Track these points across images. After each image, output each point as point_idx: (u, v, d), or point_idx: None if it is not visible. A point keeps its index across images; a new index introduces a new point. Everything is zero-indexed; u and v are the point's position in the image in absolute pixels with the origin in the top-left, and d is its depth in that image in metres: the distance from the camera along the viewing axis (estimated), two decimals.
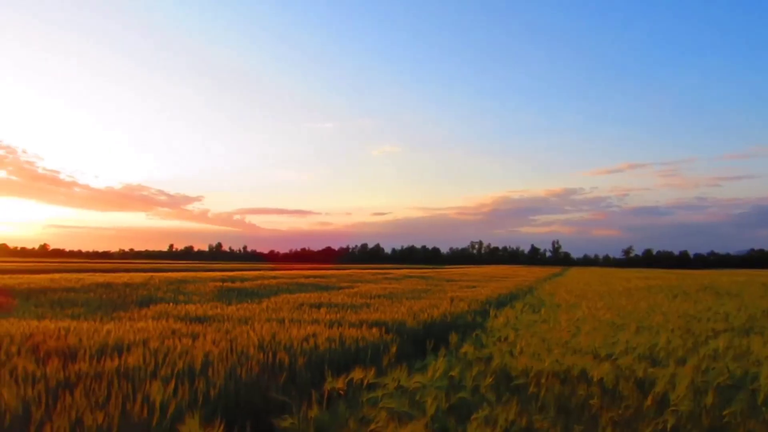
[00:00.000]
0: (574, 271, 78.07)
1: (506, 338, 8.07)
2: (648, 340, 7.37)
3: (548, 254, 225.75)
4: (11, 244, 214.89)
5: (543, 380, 5.32)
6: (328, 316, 10.84)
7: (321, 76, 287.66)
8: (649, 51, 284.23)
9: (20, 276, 25.67)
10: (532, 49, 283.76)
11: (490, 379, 5.17)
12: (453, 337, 7.84)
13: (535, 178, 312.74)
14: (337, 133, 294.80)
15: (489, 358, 6.51)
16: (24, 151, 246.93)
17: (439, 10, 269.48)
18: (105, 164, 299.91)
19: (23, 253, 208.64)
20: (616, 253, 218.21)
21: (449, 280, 33.62)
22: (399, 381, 4.46)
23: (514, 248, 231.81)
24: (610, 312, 11.96)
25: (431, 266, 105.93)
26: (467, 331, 9.71)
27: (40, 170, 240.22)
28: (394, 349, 6.79)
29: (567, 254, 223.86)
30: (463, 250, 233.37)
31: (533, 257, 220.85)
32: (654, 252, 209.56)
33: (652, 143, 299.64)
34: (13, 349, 6.39)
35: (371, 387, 4.57)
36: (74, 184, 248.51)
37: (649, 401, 4.60)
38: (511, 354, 6.63)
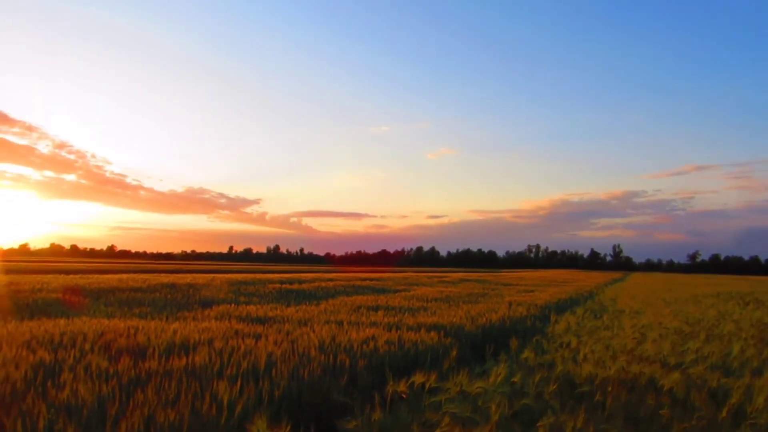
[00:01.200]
0: (636, 277, 75.77)
1: (568, 344, 7.90)
2: (720, 349, 7.08)
3: (609, 259, 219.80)
4: (81, 245, 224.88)
5: (609, 388, 5.18)
6: (386, 319, 10.87)
7: (377, 80, 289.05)
8: (716, 47, 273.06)
9: (90, 276, 26.83)
10: (591, 47, 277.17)
11: (554, 386, 5.08)
12: (513, 343, 7.73)
13: (594, 180, 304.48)
14: (393, 137, 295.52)
15: (551, 365, 6.39)
16: (93, 156, 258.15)
17: (492, 13, 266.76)
18: (169, 168, 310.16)
19: (92, 254, 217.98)
20: (681, 258, 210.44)
21: (506, 284, 33.18)
22: (461, 386, 4.43)
23: (573, 252, 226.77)
24: (677, 319, 11.55)
25: (487, 270, 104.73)
26: (527, 337, 9.56)
27: (108, 174, 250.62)
28: (454, 354, 6.74)
29: (628, 259, 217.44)
30: (520, 253, 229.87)
31: (593, 262, 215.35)
32: (722, 257, 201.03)
33: (719, 144, 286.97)
34: (87, 346, 6.67)
35: (433, 391, 4.55)
36: (140, 187, 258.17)
37: (723, 413, 4.41)
38: (575, 361, 6.49)
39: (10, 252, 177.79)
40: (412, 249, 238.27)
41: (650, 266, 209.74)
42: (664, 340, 7.92)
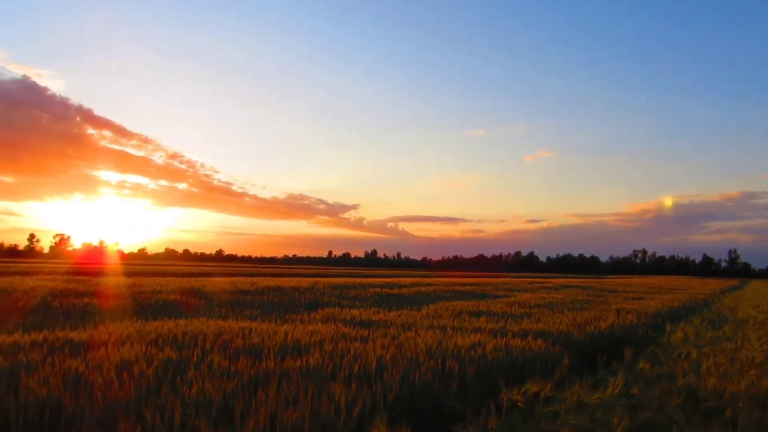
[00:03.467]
0: (756, 284, 70.34)
1: (687, 356, 7.47)
2: None
3: (723, 264, 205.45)
4: (192, 250, 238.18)
5: (740, 404, 4.85)
6: (489, 325, 10.74)
7: (473, 84, 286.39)
8: None
9: (203, 279, 28.35)
10: (700, 38, 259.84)
11: (677, 400, 4.82)
12: (627, 352, 7.41)
13: (707, 181, 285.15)
14: (489, 140, 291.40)
15: (670, 377, 6.07)
16: (202, 166, 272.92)
17: (589, 8, 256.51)
18: (271, 176, 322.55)
19: (202, 257, 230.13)
20: None
21: (611, 290, 31.82)
22: (578, 396, 4.30)
23: (683, 258, 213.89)
24: None
25: (590, 276, 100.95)
26: (640, 346, 9.13)
27: (215, 182, 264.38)
28: (566, 362, 6.56)
29: (746, 265, 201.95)
30: (625, 259, 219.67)
31: (706, 268, 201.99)
32: None
33: None
34: (207, 345, 7.06)
35: (547, 400, 4.45)
36: (245, 194, 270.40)
37: None
38: (697, 373, 6.12)
39: (130, 256, 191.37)
40: (510, 254, 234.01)
41: None
42: None
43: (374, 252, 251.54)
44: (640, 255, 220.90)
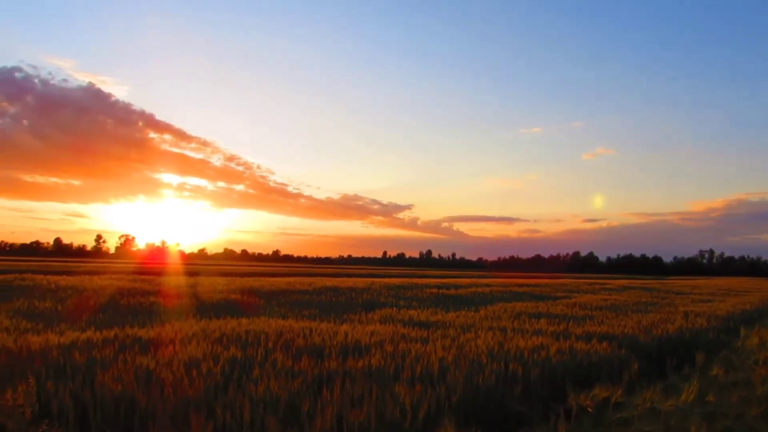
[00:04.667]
0: None
1: (765, 362, 7.13)
2: None
3: None
4: (250, 250, 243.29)
5: None
6: (551, 328, 10.53)
7: (528, 81, 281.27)
8: None
9: (261, 279, 28.90)
10: None
11: (757, 409, 4.58)
12: (699, 357, 7.13)
13: None
14: (545, 138, 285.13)
15: (747, 384, 5.79)
16: (258, 167, 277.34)
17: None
18: (325, 177, 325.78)
19: (259, 258, 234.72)
20: None
21: (677, 292, 30.73)
22: (651, 402, 4.15)
23: (754, 258, 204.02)
24: None
25: (653, 277, 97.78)
26: (712, 351, 8.77)
27: (271, 184, 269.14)
28: (635, 367, 6.35)
29: None
30: (690, 259, 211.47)
31: None
32: None
33: None
34: (270, 345, 7.17)
35: (617, 406, 4.31)
36: (300, 195, 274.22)
37: None
38: None
39: (191, 256, 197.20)
40: (567, 254, 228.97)
41: None
42: None
43: (429, 252, 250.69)
44: (706, 255, 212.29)
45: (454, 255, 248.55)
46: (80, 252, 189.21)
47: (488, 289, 26.37)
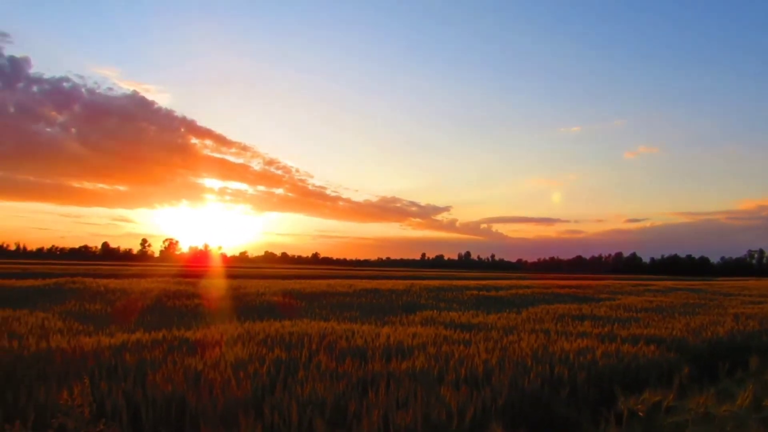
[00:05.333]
0: None
1: None
2: None
3: None
4: (290, 253, 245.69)
5: None
6: (595, 330, 10.36)
7: (566, 78, 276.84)
8: None
9: (302, 281, 29.16)
10: None
11: None
12: (752, 361, 6.91)
13: None
14: (585, 137, 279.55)
15: None
16: (297, 171, 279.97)
17: None
18: (363, 180, 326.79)
19: (299, 260, 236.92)
20: None
21: (726, 294, 29.81)
22: (705, 407, 4.03)
23: None
24: None
25: (699, 278, 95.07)
26: (766, 354, 8.50)
27: (310, 187, 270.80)
28: (686, 370, 6.19)
29: None
30: (738, 260, 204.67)
31: None
32: None
33: None
34: (313, 347, 7.23)
35: (669, 410, 4.21)
36: (338, 198, 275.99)
37: None
38: None
39: (233, 259, 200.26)
40: (610, 255, 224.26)
41: None
42: None
43: (467, 254, 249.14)
44: (756, 256, 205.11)
45: (493, 256, 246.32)
46: (127, 255, 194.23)
47: (529, 290, 26.09)
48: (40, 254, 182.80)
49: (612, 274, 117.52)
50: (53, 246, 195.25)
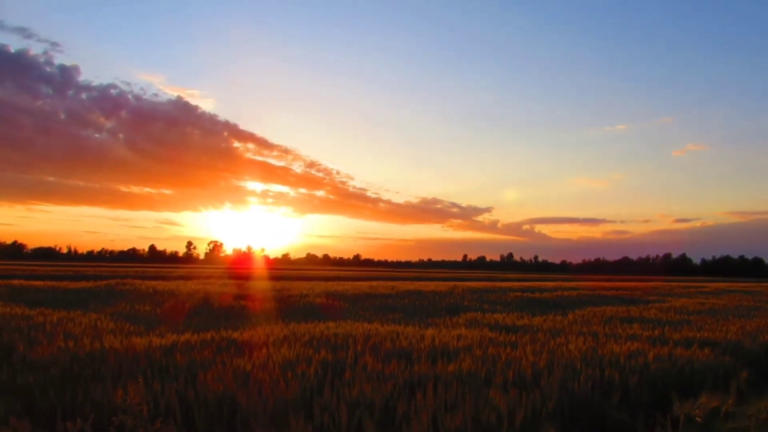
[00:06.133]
0: None
1: None
2: None
3: None
4: (331, 255, 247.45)
5: None
6: (645, 333, 10.11)
7: (612, 76, 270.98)
8: None
9: (344, 283, 29.33)
10: None
11: None
12: None
13: None
14: (631, 136, 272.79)
15: None
16: (338, 173, 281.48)
17: None
18: (403, 181, 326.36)
19: (340, 262, 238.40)
20: None
21: None
22: (767, 412, 3.88)
23: None
24: None
25: (753, 280, 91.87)
26: None
27: (351, 189, 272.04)
28: (744, 375, 5.98)
29: None
30: None
31: None
32: None
33: None
34: (359, 348, 7.25)
35: (728, 416, 4.07)
36: (379, 200, 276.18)
37: None
38: None
39: (276, 261, 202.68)
40: (658, 256, 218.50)
41: None
42: None
43: (510, 255, 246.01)
44: None
45: (535, 258, 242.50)
46: (173, 258, 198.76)
47: (575, 292, 25.66)
48: (91, 257, 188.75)
49: (661, 276, 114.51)
50: (103, 249, 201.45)
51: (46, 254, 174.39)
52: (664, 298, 23.52)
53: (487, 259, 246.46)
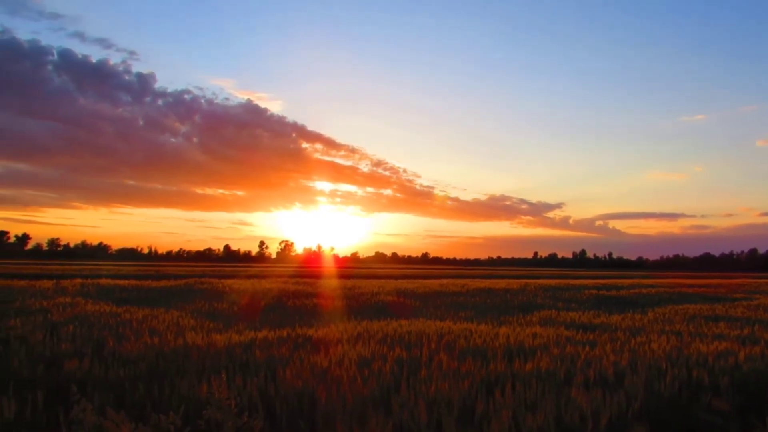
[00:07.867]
0: None
1: None
2: None
3: None
4: (400, 253, 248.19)
5: None
6: (733, 332, 9.62)
7: (686, 64, 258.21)
8: None
9: (414, 281, 29.36)
10: None
11: None
12: None
13: None
14: (711, 125, 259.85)
15: None
16: (404, 171, 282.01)
17: None
18: (471, 178, 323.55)
19: (409, 260, 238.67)
20: None
21: None
22: None
23: None
24: None
25: None
26: None
27: (418, 187, 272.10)
28: None
29: None
30: None
31: None
32: None
33: None
34: (433, 346, 7.22)
35: None
36: (446, 197, 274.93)
37: None
38: None
39: (345, 259, 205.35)
40: (742, 251, 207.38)
41: None
42: None
43: (583, 252, 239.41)
44: None
45: (610, 254, 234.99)
46: (246, 257, 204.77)
47: (653, 290, 24.73)
48: (170, 257, 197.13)
49: (746, 272, 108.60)
50: (180, 249, 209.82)
51: (129, 254, 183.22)
52: (751, 296, 22.32)
53: (559, 256, 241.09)
